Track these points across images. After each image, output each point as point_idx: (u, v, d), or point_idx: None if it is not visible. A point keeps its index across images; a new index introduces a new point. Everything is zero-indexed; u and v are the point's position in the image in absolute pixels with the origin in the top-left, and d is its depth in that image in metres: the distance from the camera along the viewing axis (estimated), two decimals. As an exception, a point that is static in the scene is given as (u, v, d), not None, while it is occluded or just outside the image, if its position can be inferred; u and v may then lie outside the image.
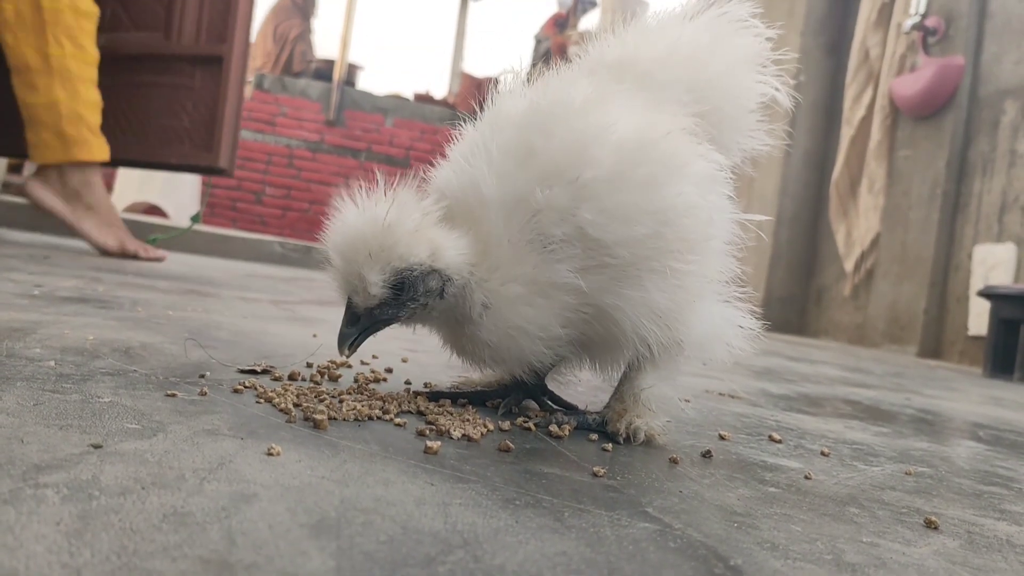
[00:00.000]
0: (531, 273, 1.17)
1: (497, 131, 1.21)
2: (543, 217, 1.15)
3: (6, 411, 0.91)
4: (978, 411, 2.75)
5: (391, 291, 1.16)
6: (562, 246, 1.15)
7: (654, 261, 1.16)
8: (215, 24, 4.47)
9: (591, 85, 1.22)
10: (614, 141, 1.14)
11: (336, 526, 0.69)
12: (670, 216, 1.15)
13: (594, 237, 1.14)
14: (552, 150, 1.15)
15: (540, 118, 1.18)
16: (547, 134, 1.16)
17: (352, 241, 1.15)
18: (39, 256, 3.52)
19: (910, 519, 1.03)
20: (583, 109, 1.17)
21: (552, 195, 1.14)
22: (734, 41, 1.37)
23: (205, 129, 4.43)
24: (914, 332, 7.33)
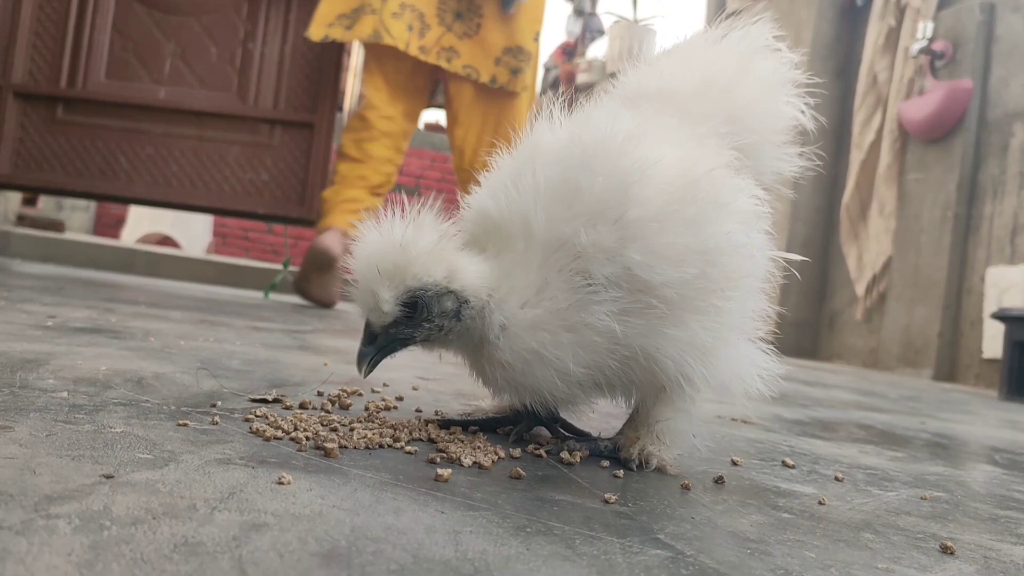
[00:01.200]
0: (564, 310, 1.15)
1: (540, 164, 1.19)
2: (589, 257, 1.13)
3: (19, 442, 0.92)
4: (994, 434, 2.73)
5: (405, 310, 1.17)
6: (605, 287, 1.13)
7: (699, 301, 1.14)
8: (297, 92, 4.85)
9: (633, 119, 1.20)
10: (659, 179, 1.12)
11: (347, 555, 0.69)
12: (715, 256, 1.13)
13: (642, 278, 1.11)
14: (597, 189, 1.13)
15: (583, 154, 1.16)
16: (591, 172, 1.14)
17: (368, 260, 1.16)
18: (52, 287, 3.55)
19: (926, 544, 1.02)
20: (626, 146, 1.15)
21: (598, 235, 1.12)
22: (761, 64, 1.36)
23: (290, 184, 4.83)
24: (928, 355, 7.29)
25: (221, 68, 4.79)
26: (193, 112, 4.76)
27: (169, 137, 4.77)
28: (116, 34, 4.85)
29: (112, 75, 4.82)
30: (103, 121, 4.79)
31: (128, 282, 5.03)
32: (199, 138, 4.76)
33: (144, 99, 4.77)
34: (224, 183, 4.76)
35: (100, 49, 4.82)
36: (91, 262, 6.18)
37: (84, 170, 4.79)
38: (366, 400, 1.54)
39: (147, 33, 4.85)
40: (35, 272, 4.63)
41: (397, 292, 1.16)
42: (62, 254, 6.17)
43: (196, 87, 4.79)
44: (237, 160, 4.75)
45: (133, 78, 4.82)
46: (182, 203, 4.89)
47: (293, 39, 4.81)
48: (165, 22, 4.86)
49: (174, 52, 4.84)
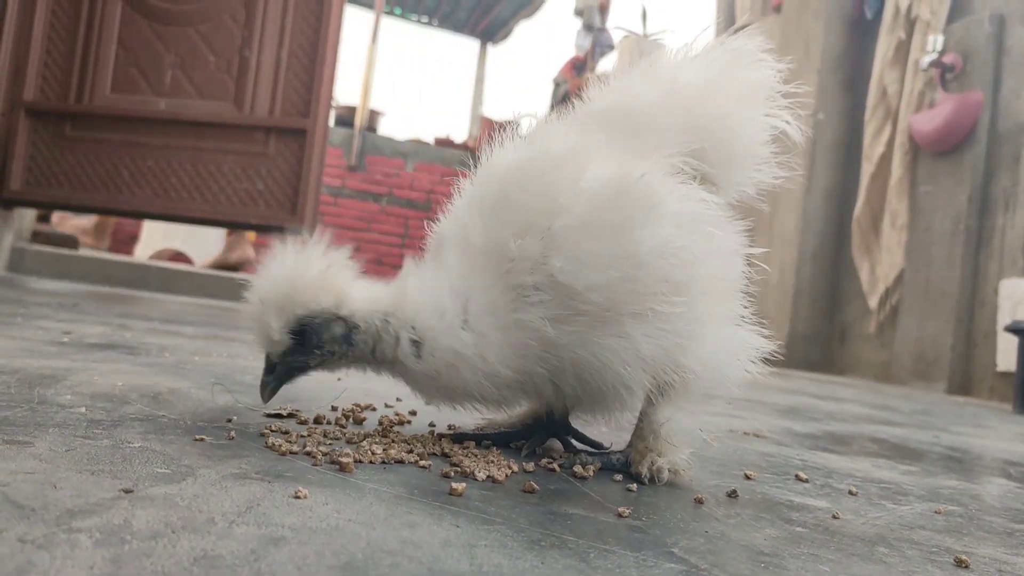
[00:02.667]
0: (495, 311, 1.19)
1: (484, 184, 1.25)
2: (516, 266, 1.17)
3: (39, 457, 0.93)
4: (1008, 448, 2.71)
5: (295, 338, 1.23)
6: (535, 293, 1.17)
7: (632, 305, 1.15)
8: (292, 99, 4.83)
9: (574, 136, 1.24)
10: (584, 189, 1.15)
11: (363, 568, 0.70)
12: (645, 259, 1.14)
13: (564, 284, 1.14)
14: (525, 202, 1.18)
15: (519, 171, 1.21)
16: (522, 187, 1.19)
17: (259, 292, 1.23)
18: (67, 304, 3.58)
19: (940, 559, 1.02)
20: (558, 162, 1.19)
21: (524, 245, 1.16)
22: (737, 76, 1.34)
23: (284, 193, 4.78)
24: (941, 368, 7.25)
25: (218, 76, 4.81)
26: (191, 122, 4.78)
27: (168, 149, 4.78)
28: (120, 48, 4.89)
29: (117, 89, 4.87)
30: (108, 135, 4.83)
31: (142, 298, 5.06)
32: (196, 149, 4.77)
33: (146, 111, 4.79)
34: (220, 193, 4.78)
35: (106, 63, 4.87)
36: (105, 278, 6.22)
37: (89, 185, 4.82)
38: (380, 415, 1.55)
39: (148, 45, 4.89)
40: (50, 289, 4.66)
41: (285, 321, 1.22)
42: (76, 270, 6.21)
43: (195, 97, 4.81)
44: (232, 170, 4.76)
45: (136, 91, 4.86)
46: (180, 215, 4.88)
47: (289, 44, 4.82)
48: (165, 33, 4.89)
49: (174, 63, 4.87)
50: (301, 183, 4.75)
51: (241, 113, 4.77)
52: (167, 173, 4.79)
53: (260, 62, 4.81)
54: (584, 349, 1.18)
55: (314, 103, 4.77)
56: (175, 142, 4.81)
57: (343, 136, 11.05)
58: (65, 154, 4.88)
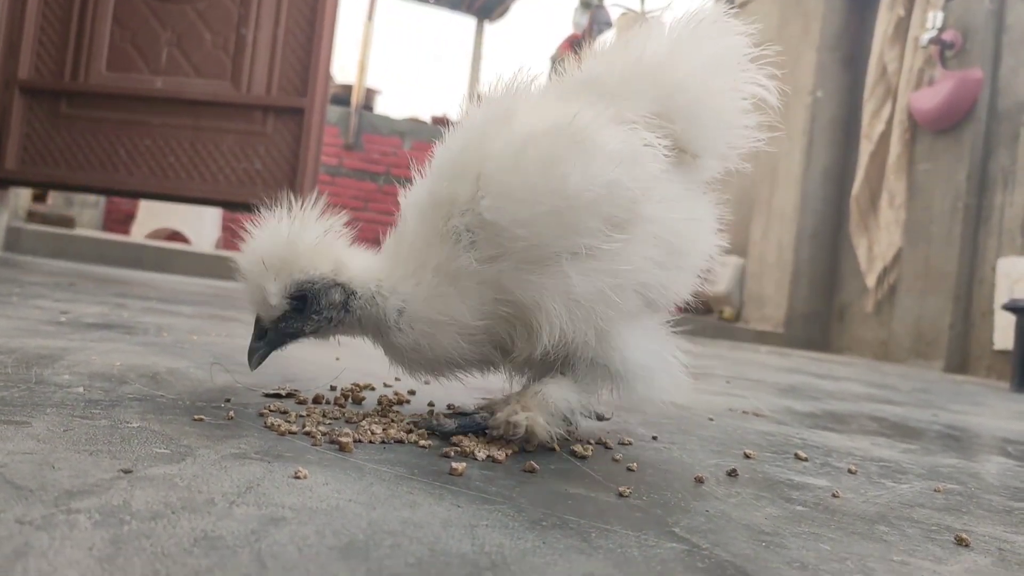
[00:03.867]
0: (443, 265, 1.19)
1: (440, 148, 1.26)
2: (451, 210, 1.17)
3: (37, 437, 0.92)
4: (1007, 426, 2.72)
5: (293, 303, 1.21)
6: (467, 235, 1.16)
7: (563, 241, 1.13)
8: (289, 76, 4.78)
9: (525, 99, 1.23)
10: (512, 131, 1.16)
11: (365, 548, 0.70)
12: (572, 192, 1.11)
13: (491, 221, 1.13)
14: (464, 155, 1.19)
15: (462, 128, 1.23)
16: (465, 147, 1.20)
17: (255, 256, 1.22)
18: (64, 283, 3.57)
19: (940, 537, 1.02)
20: (504, 118, 1.19)
21: (455, 189, 1.17)
22: (703, 45, 1.33)
23: (282, 172, 4.72)
24: (939, 347, 7.26)
25: (215, 55, 4.76)
26: (189, 101, 4.73)
27: (165, 128, 4.74)
28: (116, 25, 4.83)
29: (112, 67, 4.82)
30: (104, 114, 4.79)
31: (138, 278, 5.05)
32: (195, 128, 4.74)
33: (143, 90, 4.75)
34: (219, 173, 4.73)
35: (101, 41, 4.82)
36: (101, 258, 6.21)
37: (86, 164, 4.78)
38: (379, 394, 1.55)
39: (144, 22, 4.83)
40: (46, 268, 4.65)
41: (284, 286, 1.20)
42: (72, 250, 6.19)
43: (192, 75, 4.77)
44: (231, 149, 4.73)
45: (132, 69, 4.81)
46: (179, 194, 4.85)
47: (286, 22, 4.78)
48: (161, 10, 4.84)
49: (170, 40, 4.82)
50: (299, 162, 4.71)
51: (238, 92, 4.74)
52: (164, 152, 4.76)
53: (257, 40, 4.76)
54: (522, 289, 1.15)
55: (311, 82, 4.72)
56: (172, 121, 4.77)
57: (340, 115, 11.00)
58: (61, 133, 4.84)
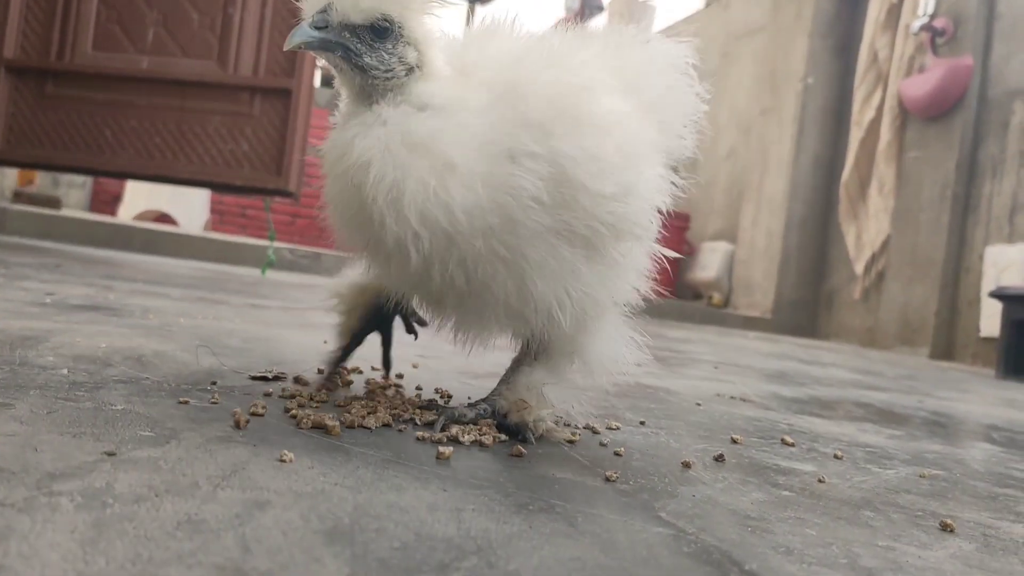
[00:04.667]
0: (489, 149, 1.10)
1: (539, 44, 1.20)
2: (526, 132, 1.10)
3: (20, 419, 0.92)
4: (992, 413, 2.74)
5: (372, 31, 1.13)
6: (529, 166, 1.09)
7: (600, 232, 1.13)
8: (277, 57, 4.73)
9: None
10: (608, 107, 1.15)
11: (350, 533, 0.69)
12: (629, 188, 1.13)
13: (565, 170, 1.09)
14: (549, 80, 1.13)
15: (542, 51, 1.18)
16: (562, 67, 1.16)
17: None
18: (50, 264, 3.54)
19: (925, 522, 1.02)
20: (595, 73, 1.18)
21: (543, 114, 1.11)
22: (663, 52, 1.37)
23: (270, 154, 4.68)
24: (926, 334, 7.30)
25: (202, 35, 4.71)
26: (175, 82, 4.69)
27: (152, 108, 4.69)
28: (102, 4, 4.78)
29: (98, 46, 4.77)
30: (90, 94, 4.74)
31: (126, 259, 5.02)
32: (181, 109, 4.69)
33: (128, 70, 4.71)
34: (205, 154, 4.70)
35: (87, 20, 4.76)
36: (88, 239, 6.17)
37: (71, 144, 4.74)
38: (366, 377, 1.54)
39: (130, 2, 4.78)
40: (32, 249, 4.62)
41: (380, 8, 1.12)
42: (59, 231, 6.15)
43: (178, 56, 4.72)
44: (218, 130, 4.69)
45: (118, 49, 4.75)
46: (164, 175, 4.81)
47: (274, 1, 4.73)
48: None
49: (157, 20, 4.76)
50: (286, 144, 4.67)
51: (225, 72, 4.69)
52: (151, 133, 4.71)
53: (244, 20, 4.71)
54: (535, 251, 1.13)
55: (299, 62, 4.67)
56: (158, 101, 4.72)
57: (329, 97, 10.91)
58: (47, 113, 4.79)
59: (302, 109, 4.68)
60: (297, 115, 4.65)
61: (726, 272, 9.81)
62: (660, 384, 2.13)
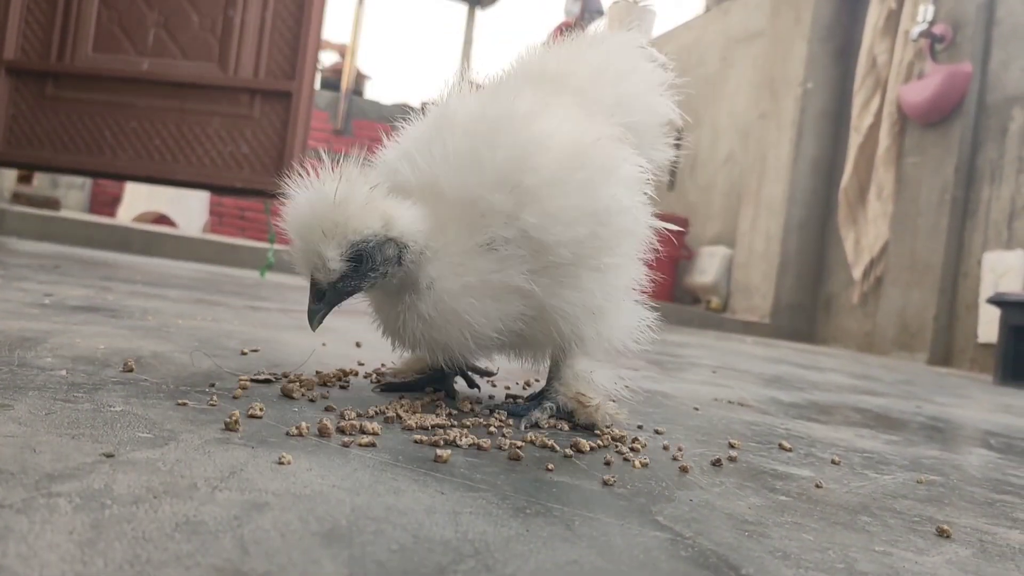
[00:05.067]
0: (486, 275, 1.23)
1: (448, 132, 1.27)
2: (491, 220, 1.22)
3: (19, 420, 0.92)
4: (989, 419, 2.74)
5: (350, 264, 1.21)
6: (509, 247, 1.22)
7: (593, 259, 1.25)
8: (277, 60, 4.75)
9: (534, 97, 1.31)
10: (553, 148, 1.23)
11: (348, 535, 0.69)
12: (604, 217, 1.24)
13: (536, 239, 1.21)
14: (498, 159, 1.22)
15: (488, 128, 1.26)
16: (494, 144, 1.23)
17: (307, 221, 1.20)
18: (49, 266, 3.54)
19: (922, 528, 1.02)
20: (525, 120, 1.26)
21: (497, 200, 1.21)
22: (642, 64, 1.52)
23: (270, 157, 4.68)
24: (924, 339, 7.31)
25: (203, 37, 4.71)
26: (176, 83, 4.70)
27: (152, 110, 4.70)
28: (103, 6, 4.78)
29: (99, 48, 4.77)
30: (90, 96, 4.74)
31: (124, 261, 5.02)
32: (181, 110, 4.70)
33: (129, 72, 4.71)
34: (205, 156, 4.70)
35: (88, 22, 4.76)
36: (87, 240, 6.17)
37: (71, 146, 4.74)
38: (363, 378, 1.54)
39: (131, 3, 4.77)
40: (31, 250, 4.62)
41: (342, 249, 1.19)
42: (58, 232, 6.15)
43: (179, 57, 4.72)
44: (217, 132, 4.69)
45: (119, 50, 4.76)
46: (164, 177, 4.81)
47: (274, 4, 4.73)
48: None
49: (157, 22, 4.77)
50: (286, 146, 4.67)
51: (225, 74, 4.70)
52: (151, 134, 4.71)
53: (245, 22, 4.72)
54: (551, 300, 1.25)
55: (299, 65, 4.68)
56: (159, 103, 4.72)
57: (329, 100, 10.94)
58: (47, 114, 4.79)
59: (302, 111, 4.69)
60: (297, 117, 4.66)
61: (724, 276, 9.82)
62: (658, 388, 2.13)
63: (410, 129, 1.37)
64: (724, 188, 10.52)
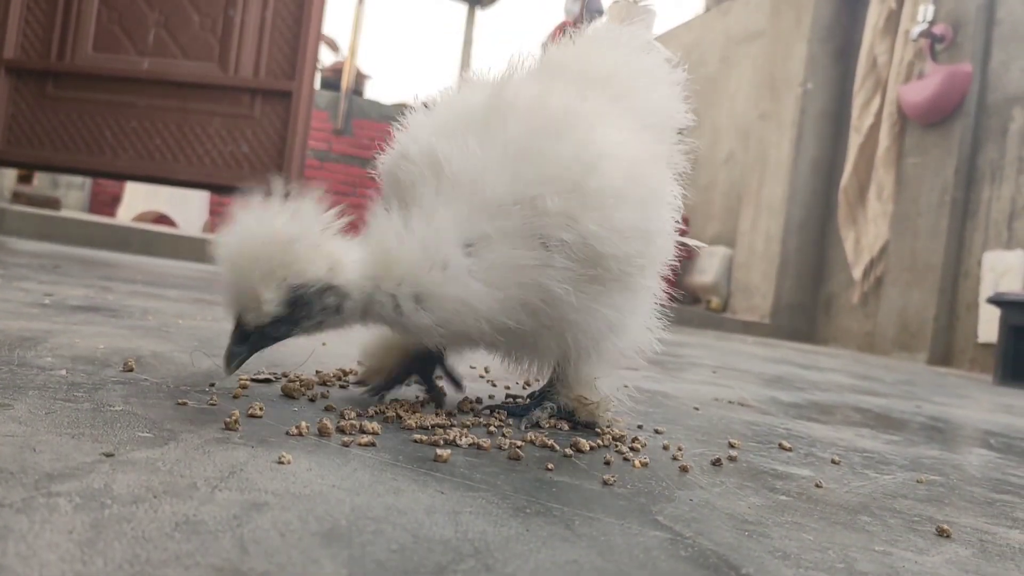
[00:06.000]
0: (512, 266, 1.14)
1: (500, 123, 1.18)
2: (548, 220, 1.13)
3: (19, 420, 0.92)
4: (989, 419, 2.74)
5: (285, 308, 1.11)
6: (560, 250, 1.14)
7: (632, 278, 1.23)
8: (278, 59, 4.74)
9: (595, 97, 1.26)
10: (620, 157, 1.19)
11: (347, 534, 0.69)
12: (653, 237, 1.23)
13: (593, 247, 1.15)
14: (565, 156, 1.15)
15: (549, 124, 1.17)
16: (556, 141, 1.16)
17: (249, 256, 1.09)
18: (49, 265, 3.54)
19: (922, 527, 1.02)
20: (590, 121, 1.20)
21: (561, 201, 1.13)
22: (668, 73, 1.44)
23: (269, 156, 4.68)
24: (924, 339, 7.31)
25: (203, 36, 4.72)
26: (176, 83, 4.70)
27: (152, 110, 4.70)
28: (103, 5, 4.78)
29: (99, 47, 4.77)
30: (90, 95, 4.73)
31: (124, 260, 5.02)
32: (182, 110, 4.70)
33: (129, 71, 4.70)
34: (205, 156, 4.69)
35: (88, 21, 4.76)
36: (87, 240, 6.16)
37: (71, 145, 4.74)
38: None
39: (132, 3, 4.78)
40: (31, 250, 4.61)
41: (280, 292, 1.10)
42: (58, 232, 6.15)
43: (179, 57, 4.72)
44: (218, 132, 4.69)
45: (119, 50, 4.76)
46: (165, 177, 4.81)
47: (274, 3, 4.73)
48: None
49: (158, 21, 4.77)
50: (286, 146, 4.67)
51: (226, 74, 4.70)
52: (151, 134, 4.72)
53: (245, 22, 4.72)
54: (584, 312, 1.21)
55: (299, 65, 4.68)
56: (159, 103, 4.72)
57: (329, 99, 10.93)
58: (47, 113, 4.79)
59: (302, 111, 4.69)
60: (297, 117, 4.66)
61: (725, 276, 9.82)
62: (658, 388, 2.13)
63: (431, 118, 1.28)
64: (724, 188, 10.53)
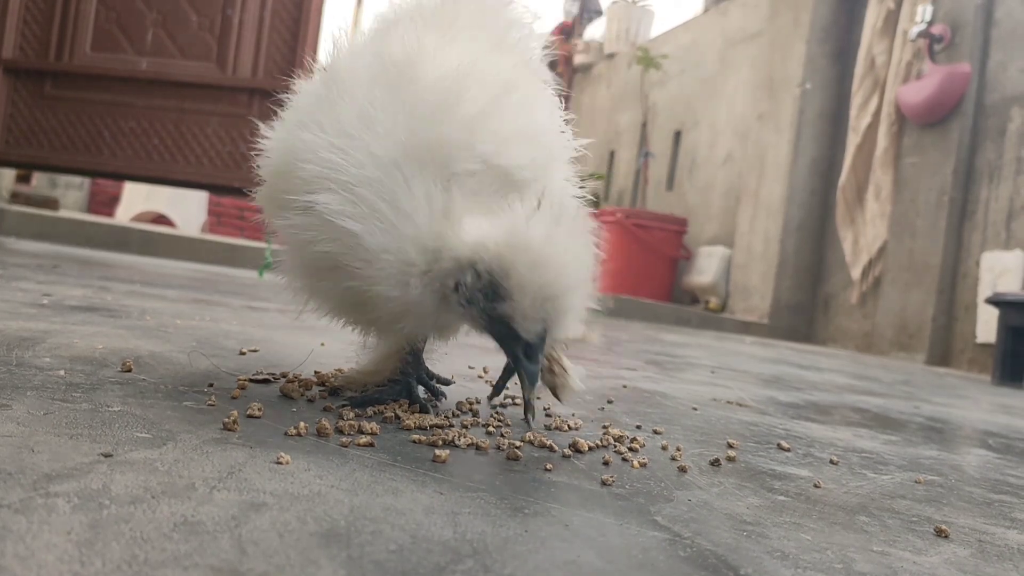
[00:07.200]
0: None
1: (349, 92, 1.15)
2: (449, 156, 1.09)
3: (16, 420, 0.92)
4: (987, 419, 2.74)
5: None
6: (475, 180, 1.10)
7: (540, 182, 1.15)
8: (276, 59, 4.72)
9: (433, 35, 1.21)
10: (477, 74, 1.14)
11: (346, 535, 0.69)
12: (548, 137, 1.22)
13: (497, 165, 1.11)
14: (425, 93, 1.11)
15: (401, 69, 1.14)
16: (413, 80, 1.12)
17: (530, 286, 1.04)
18: (47, 266, 3.54)
19: (920, 528, 1.02)
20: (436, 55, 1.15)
21: (444, 133, 1.09)
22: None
23: None
24: (922, 340, 7.31)
25: (201, 36, 4.71)
26: (174, 83, 4.69)
27: (151, 110, 4.69)
28: (101, 5, 4.77)
29: (97, 47, 4.76)
30: (89, 95, 4.73)
31: (123, 261, 5.02)
32: (180, 110, 4.70)
33: (127, 71, 4.70)
34: (204, 156, 4.69)
35: (86, 21, 4.76)
36: (86, 240, 6.16)
37: (70, 145, 4.73)
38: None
39: (130, 3, 4.77)
40: (29, 250, 4.61)
41: None
42: (56, 232, 6.15)
43: (177, 57, 4.72)
44: (216, 132, 4.68)
45: (117, 50, 4.75)
46: (163, 177, 4.80)
47: (272, 3, 4.72)
48: None
49: (156, 21, 4.76)
50: None
51: (224, 74, 4.69)
52: (149, 134, 4.71)
53: (243, 22, 4.71)
54: None
55: (298, 64, 4.68)
56: (157, 103, 4.71)
57: (328, 99, 10.89)
58: (45, 113, 4.79)
59: None
60: None
61: (723, 277, 9.82)
62: (656, 388, 2.13)
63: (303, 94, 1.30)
64: (723, 188, 10.52)
